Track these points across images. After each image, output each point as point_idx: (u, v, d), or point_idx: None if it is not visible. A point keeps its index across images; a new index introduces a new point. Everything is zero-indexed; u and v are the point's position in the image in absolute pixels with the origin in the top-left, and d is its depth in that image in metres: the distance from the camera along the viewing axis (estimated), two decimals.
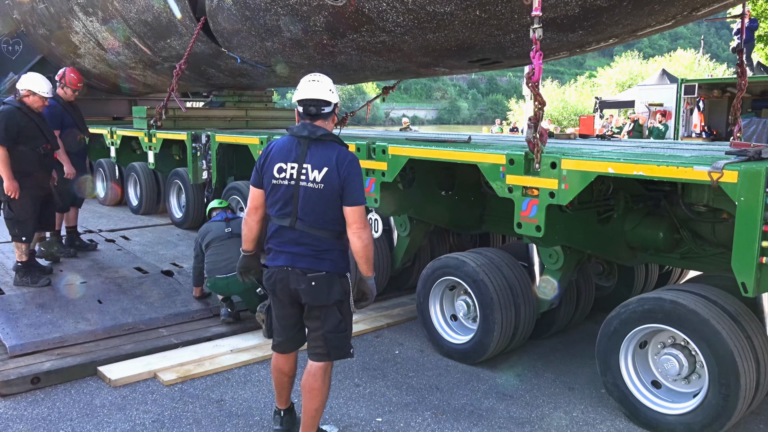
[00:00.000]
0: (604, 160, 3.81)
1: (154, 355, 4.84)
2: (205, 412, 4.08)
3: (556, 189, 4.04)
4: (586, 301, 5.38)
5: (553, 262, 4.64)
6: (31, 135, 5.98)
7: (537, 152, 4.10)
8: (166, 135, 8.59)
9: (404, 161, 5.14)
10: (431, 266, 5.00)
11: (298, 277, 3.23)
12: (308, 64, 7.20)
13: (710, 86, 18.13)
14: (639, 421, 3.90)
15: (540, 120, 4.12)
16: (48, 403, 4.17)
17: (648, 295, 3.82)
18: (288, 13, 6.00)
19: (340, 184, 3.18)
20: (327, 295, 3.24)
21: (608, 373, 3.98)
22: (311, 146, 3.23)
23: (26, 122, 5.95)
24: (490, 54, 5.79)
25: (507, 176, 4.34)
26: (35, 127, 6.03)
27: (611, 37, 5.33)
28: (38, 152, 6.05)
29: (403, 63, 6.49)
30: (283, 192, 3.25)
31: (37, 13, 10.26)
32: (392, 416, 4.06)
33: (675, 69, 40.30)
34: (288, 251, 3.27)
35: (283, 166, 3.25)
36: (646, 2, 4.56)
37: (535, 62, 4.06)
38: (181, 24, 7.68)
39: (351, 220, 3.20)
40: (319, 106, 3.28)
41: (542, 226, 4.14)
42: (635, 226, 4.93)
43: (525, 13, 4.82)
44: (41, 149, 6.08)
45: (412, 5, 5.08)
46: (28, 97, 6.03)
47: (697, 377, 3.78)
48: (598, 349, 4.01)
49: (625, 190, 4.84)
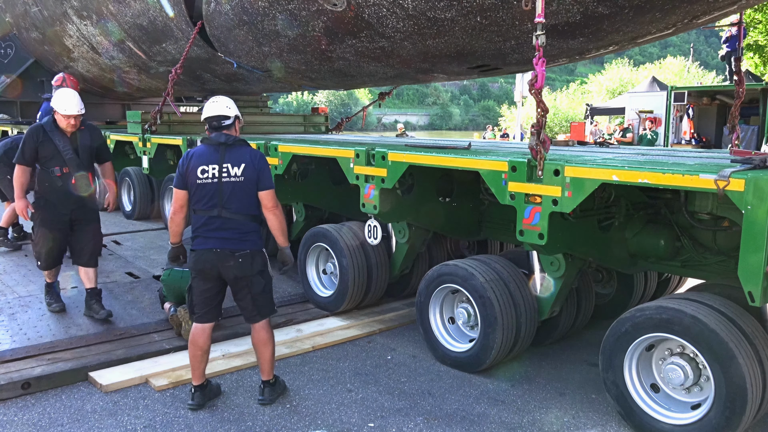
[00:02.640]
0: (608, 168, 3.79)
1: (145, 361, 4.82)
2: (197, 417, 4.07)
3: (559, 196, 4.01)
4: (587, 308, 5.35)
5: (555, 270, 4.61)
6: (47, 156, 5.40)
7: (540, 159, 4.08)
8: (161, 140, 8.52)
9: (404, 168, 5.11)
10: (437, 270, 4.95)
11: (227, 256, 4.03)
12: (305, 69, 7.17)
13: (699, 94, 18.36)
14: (632, 422, 3.89)
15: (543, 127, 4.09)
16: (39, 409, 4.14)
17: (667, 304, 3.71)
18: (286, 17, 5.96)
19: (256, 175, 4.06)
20: (251, 268, 4.08)
21: (610, 371, 3.94)
22: (227, 150, 4.08)
23: (45, 142, 5.40)
24: (490, 60, 5.77)
25: (509, 183, 4.31)
26: (53, 148, 5.39)
27: (611, 44, 5.32)
28: (53, 176, 5.41)
29: (401, 69, 6.46)
30: (208, 188, 4.03)
31: (30, 16, 10.17)
32: (384, 421, 4.07)
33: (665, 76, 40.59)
34: (216, 236, 4.04)
35: (205, 168, 4.03)
36: (647, 10, 4.55)
37: (537, 69, 4.03)
38: (177, 28, 7.63)
39: (266, 202, 4.12)
40: (220, 120, 4.17)
41: (545, 233, 4.12)
42: (636, 234, 4.91)
43: (526, 20, 4.82)
44: (58, 172, 5.40)
45: (413, 11, 5.05)
46: (56, 113, 5.39)
47: (698, 389, 3.76)
48: (604, 346, 3.96)
49: (626, 197, 4.82)
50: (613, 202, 4.79)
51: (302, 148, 6.28)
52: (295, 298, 6.39)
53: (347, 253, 5.70)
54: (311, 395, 4.44)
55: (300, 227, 7.10)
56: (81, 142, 5.55)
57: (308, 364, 5.00)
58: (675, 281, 6.37)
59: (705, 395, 3.69)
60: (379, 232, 5.57)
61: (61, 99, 5.38)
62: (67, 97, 5.39)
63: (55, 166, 5.40)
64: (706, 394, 3.68)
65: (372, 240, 5.64)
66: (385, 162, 5.22)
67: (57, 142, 5.40)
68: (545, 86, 4.25)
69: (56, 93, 5.53)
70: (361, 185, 5.46)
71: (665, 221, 4.86)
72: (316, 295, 6.14)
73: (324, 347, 5.33)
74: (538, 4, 3.93)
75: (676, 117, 17.94)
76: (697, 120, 18.13)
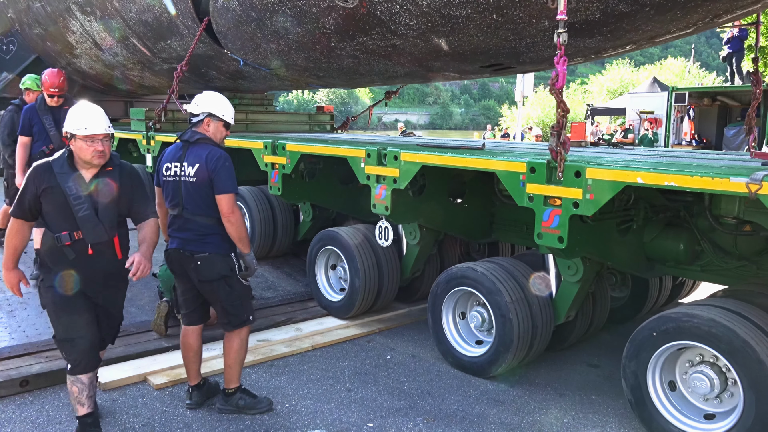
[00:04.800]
0: (632, 170, 3.67)
1: (144, 359, 4.79)
2: (196, 416, 4.06)
3: (580, 199, 3.90)
4: (602, 312, 5.24)
5: (572, 274, 4.50)
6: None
7: (560, 161, 3.96)
8: (166, 138, 8.37)
9: (417, 168, 5.00)
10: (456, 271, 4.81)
11: (187, 258, 3.89)
12: (313, 67, 7.05)
13: (700, 95, 18.38)
14: (642, 416, 3.83)
15: (563, 127, 3.98)
16: (37, 406, 4.13)
17: (720, 319, 3.49)
18: (296, 14, 5.84)
19: (209, 176, 3.83)
20: (210, 272, 3.85)
21: (633, 361, 3.82)
22: (189, 148, 3.96)
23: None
24: (504, 59, 5.65)
25: (527, 185, 4.20)
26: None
27: (629, 44, 5.21)
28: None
29: (412, 67, 6.34)
30: (171, 186, 3.96)
31: (33, 12, 10.03)
32: (383, 421, 4.07)
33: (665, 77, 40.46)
34: (179, 236, 3.94)
35: (169, 165, 3.98)
36: (668, 8, 4.45)
37: (559, 68, 3.93)
38: (183, 24, 7.51)
39: (220, 207, 3.84)
40: (191, 117, 4.10)
41: (565, 237, 4.01)
42: (654, 238, 4.81)
43: (543, 18, 4.71)
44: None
45: (427, 8, 4.94)
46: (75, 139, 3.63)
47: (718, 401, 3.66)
48: (635, 337, 3.82)
49: (646, 200, 4.71)
50: (632, 205, 4.68)
51: (311, 147, 6.17)
52: (295, 297, 6.33)
53: (358, 256, 5.58)
54: (310, 394, 4.43)
55: (307, 227, 7.01)
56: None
57: (307, 363, 4.97)
58: (689, 285, 6.27)
59: (724, 407, 3.61)
60: (391, 233, 5.46)
61: (82, 115, 3.55)
62: (90, 111, 3.59)
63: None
64: (725, 407, 3.59)
65: (383, 241, 5.53)
66: (397, 162, 5.11)
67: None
68: (546, 86, 4.15)
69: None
70: (372, 185, 5.35)
71: (684, 224, 4.76)
72: (325, 299, 6.02)
73: (323, 346, 5.30)
74: (561, 1, 3.81)
75: (676, 118, 17.94)
76: (698, 121, 18.14)
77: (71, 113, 3.57)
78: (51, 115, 6.14)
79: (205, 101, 4.11)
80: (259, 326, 5.49)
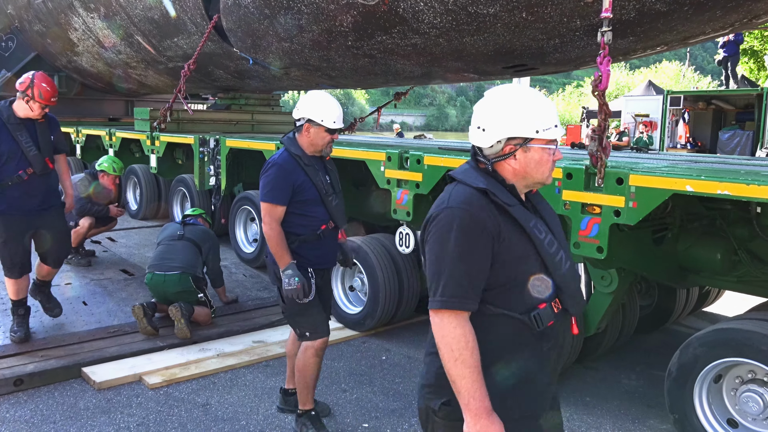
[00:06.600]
0: (680, 177, 3.48)
1: (139, 358, 4.74)
2: (191, 416, 4.03)
3: (622, 207, 3.70)
4: (631, 322, 5.06)
5: (606, 285, 4.28)
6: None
7: (600, 167, 3.76)
8: (171, 138, 8.14)
9: (442, 173, 4.79)
10: None
11: None
12: (326, 67, 6.85)
13: (695, 98, 18.43)
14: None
15: (605, 131, 3.79)
16: (31, 406, 4.11)
17: None
18: (313, 11, 5.64)
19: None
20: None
21: (680, 377, 3.61)
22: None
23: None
24: (528, 60, 5.46)
25: (563, 191, 4.00)
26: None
27: (660, 45, 5.04)
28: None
29: (431, 68, 6.15)
30: None
31: (34, 9, 9.79)
32: (379, 422, 4.04)
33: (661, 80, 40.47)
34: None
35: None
36: (708, 8, 4.26)
37: (602, 69, 3.73)
38: (191, 22, 7.29)
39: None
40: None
41: (605, 247, 3.80)
42: (689, 247, 4.61)
43: (576, 17, 4.52)
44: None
45: (453, 6, 4.74)
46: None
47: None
48: (691, 342, 3.60)
49: (683, 208, 4.52)
50: (668, 213, 4.49)
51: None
52: None
53: (378, 266, 5.30)
54: None
55: None
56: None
57: None
58: (713, 294, 6.10)
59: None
60: (412, 240, 5.25)
61: (324, 105, 3.61)
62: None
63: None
64: None
65: (404, 248, 5.32)
66: (420, 166, 4.90)
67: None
68: (542, 88, 3.97)
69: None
70: (392, 190, 5.13)
71: (720, 233, 4.57)
72: (343, 312, 5.66)
73: None
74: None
75: (671, 121, 17.92)
76: (693, 124, 18.12)
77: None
78: (27, 131, 4.72)
79: (304, 104, 3.61)
80: (255, 327, 5.47)
